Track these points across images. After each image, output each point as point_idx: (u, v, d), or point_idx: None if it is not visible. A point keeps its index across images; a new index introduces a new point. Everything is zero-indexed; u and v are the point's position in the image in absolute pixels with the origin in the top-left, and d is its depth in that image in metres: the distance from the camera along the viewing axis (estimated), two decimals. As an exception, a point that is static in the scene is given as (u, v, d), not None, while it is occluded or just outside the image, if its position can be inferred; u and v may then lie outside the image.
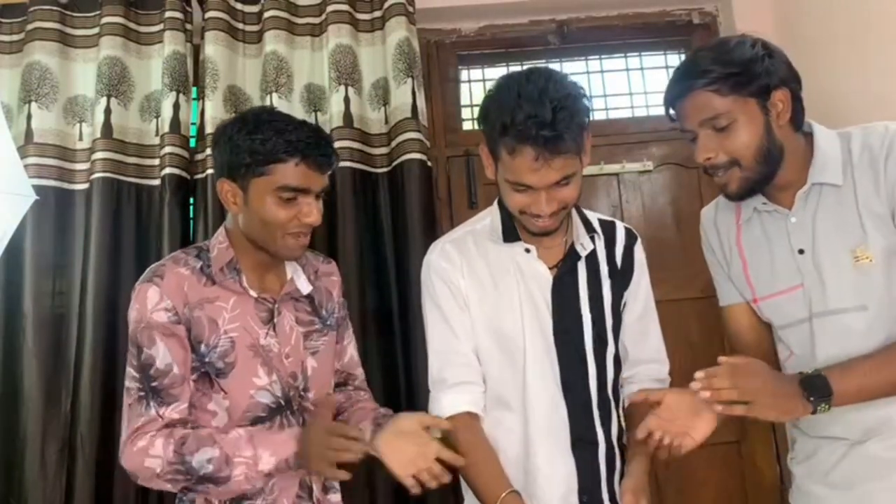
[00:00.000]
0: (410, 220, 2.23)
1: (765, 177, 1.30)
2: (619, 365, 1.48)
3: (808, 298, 1.32)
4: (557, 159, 1.26)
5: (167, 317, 1.34)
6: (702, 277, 1.74)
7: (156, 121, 2.35)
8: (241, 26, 2.43)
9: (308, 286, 1.50)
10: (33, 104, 2.31)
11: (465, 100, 2.70)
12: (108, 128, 2.28)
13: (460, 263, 1.45)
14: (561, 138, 1.23)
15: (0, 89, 2.35)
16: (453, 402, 1.40)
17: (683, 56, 2.75)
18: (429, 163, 2.30)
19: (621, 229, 1.53)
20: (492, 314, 1.43)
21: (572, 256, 1.44)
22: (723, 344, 2.32)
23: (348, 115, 2.31)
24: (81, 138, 2.35)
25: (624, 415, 1.48)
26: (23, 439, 2.15)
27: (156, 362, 1.33)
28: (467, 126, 2.66)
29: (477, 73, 2.78)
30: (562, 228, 1.43)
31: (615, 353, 1.47)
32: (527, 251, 1.43)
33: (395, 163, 2.29)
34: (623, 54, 2.79)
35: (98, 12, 2.38)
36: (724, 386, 1.17)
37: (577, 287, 1.44)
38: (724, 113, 1.26)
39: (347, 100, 2.32)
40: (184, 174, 2.27)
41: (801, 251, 1.32)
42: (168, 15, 2.35)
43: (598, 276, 1.46)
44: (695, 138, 1.31)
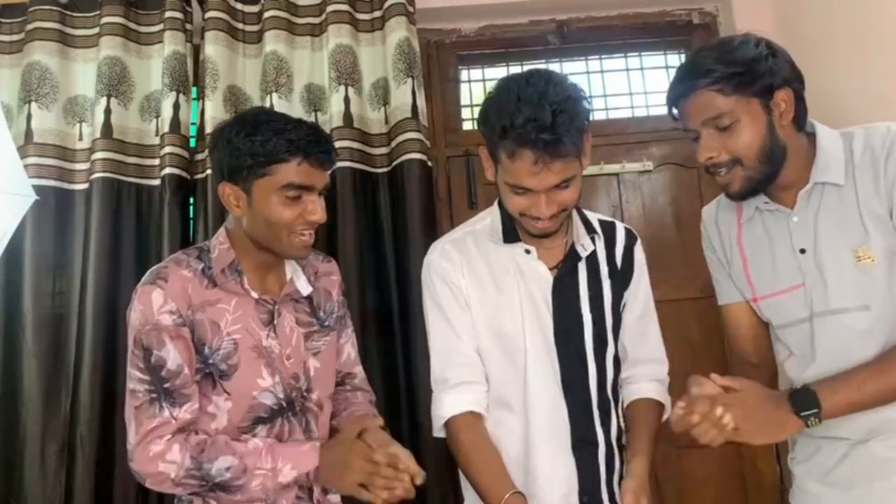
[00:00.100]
0: (410, 220, 2.23)
1: (767, 176, 1.30)
2: (619, 365, 1.48)
3: (808, 298, 1.32)
4: (557, 163, 1.26)
5: (172, 319, 1.34)
6: (702, 277, 1.74)
7: (156, 121, 2.35)
8: (241, 26, 2.44)
9: (308, 287, 1.49)
10: (33, 104, 2.31)
11: (465, 100, 2.70)
12: (108, 128, 2.28)
13: (461, 263, 1.45)
14: (560, 142, 1.23)
15: (0, 89, 2.36)
16: (456, 402, 1.40)
17: (683, 56, 2.75)
18: (429, 163, 2.30)
19: (621, 230, 1.53)
20: (492, 315, 1.43)
21: (573, 257, 1.44)
22: (722, 344, 2.32)
23: (348, 115, 2.31)
24: (81, 138, 2.35)
25: (623, 415, 1.48)
26: (22, 439, 2.15)
27: (167, 363, 1.33)
28: (467, 126, 2.66)
29: (477, 73, 2.78)
30: (562, 229, 1.43)
31: (615, 354, 1.47)
32: (527, 252, 1.43)
33: (395, 163, 2.29)
34: (623, 54, 2.79)
35: (98, 12, 2.38)
36: (699, 422, 1.17)
37: (577, 287, 1.44)
38: (726, 112, 1.25)
39: (347, 100, 2.32)
40: (184, 174, 2.28)
41: (802, 251, 1.32)
42: (168, 15, 2.35)
43: (599, 277, 1.46)
44: (697, 138, 1.31)
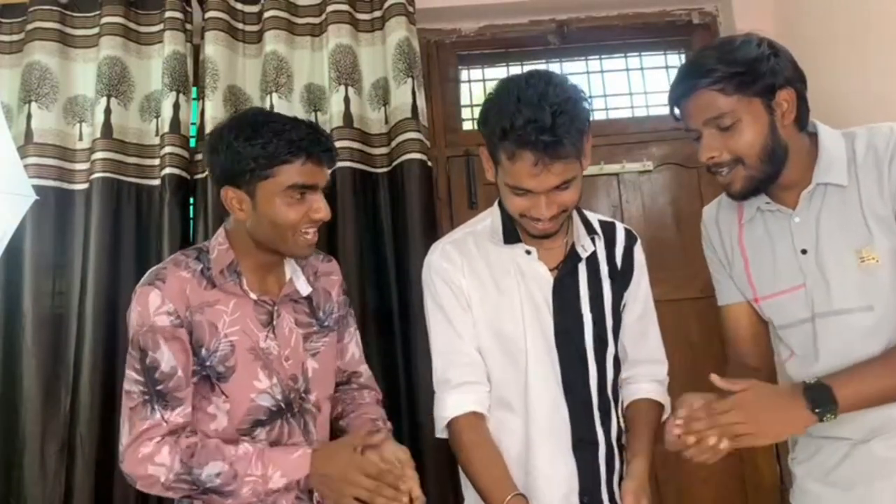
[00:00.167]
0: (410, 220, 2.23)
1: (769, 176, 1.29)
2: (619, 366, 1.48)
3: (810, 298, 1.32)
4: (557, 164, 1.26)
5: (169, 320, 1.33)
6: (702, 277, 1.74)
7: (156, 121, 2.35)
8: (241, 26, 2.44)
9: (307, 287, 1.49)
10: (33, 104, 2.31)
11: (465, 100, 2.70)
12: (108, 128, 2.28)
13: (461, 264, 1.45)
14: (560, 143, 1.23)
15: (0, 89, 2.36)
16: (458, 403, 1.40)
17: (683, 56, 2.75)
18: (429, 163, 2.30)
19: (621, 230, 1.53)
20: (493, 315, 1.43)
21: (573, 258, 1.44)
22: (722, 344, 2.32)
23: (348, 115, 2.31)
24: (81, 138, 2.35)
25: (623, 416, 1.48)
26: (22, 439, 2.15)
27: (161, 365, 1.33)
28: (467, 126, 2.66)
29: (477, 73, 2.78)
30: (562, 230, 1.43)
31: (615, 354, 1.47)
32: (527, 253, 1.43)
33: (396, 163, 2.29)
34: (623, 54, 2.78)
35: (98, 12, 2.38)
36: (703, 428, 1.16)
37: (577, 288, 1.44)
38: (728, 112, 1.25)
39: (347, 100, 2.32)
40: (184, 174, 2.27)
41: (804, 251, 1.32)
42: (168, 15, 2.35)
43: (599, 277, 1.46)
44: (699, 137, 1.31)
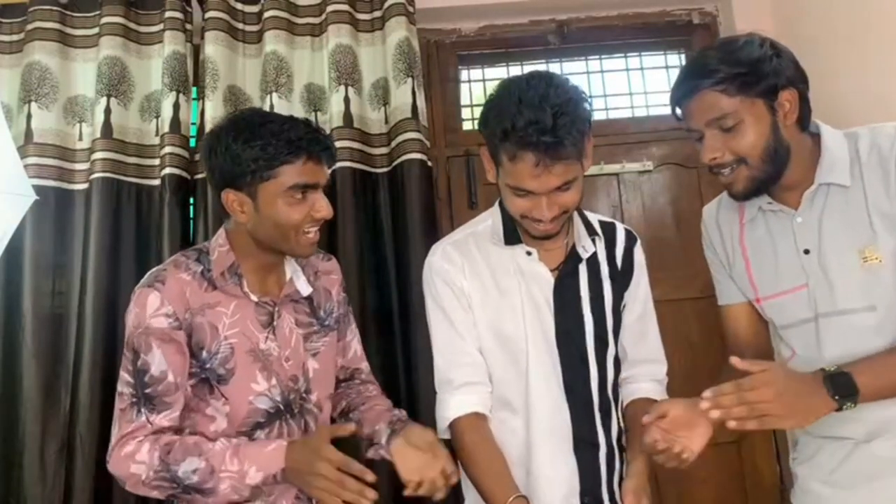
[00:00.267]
0: (410, 220, 2.23)
1: (771, 177, 1.29)
2: (619, 366, 1.48)
3: (812, 298, 1.32)
4: (558, 165, 1.25)
5: (168, 322, 1.33)
6: (702, 277, 1.74)
7: (156, 121, 2.35)
8: (241, 26, 2.44)
9: (308, 288, 1.49)
10: (33, 104, 2.31)
11: (465, 100, 2.70)
12: (107, 128, 2.28)
13: (462, 265, 1.45)
14: (562, 144, 1.23)
15: (0, 89, 2.35)
16: (460, 403, 1.40)
17: (683, 56, 2.75)
18: (429, 163, 2.30)
19: (621, 231, 1.53)
20: (494, 316, 1.43)
21: (574, 258, 1.44)
22: (723, 344, 2.32)
23: (348, 115, 2.31)
24: (81, 138, 2.35)
25: (623, 415, 1.48)
26: (22, 439, 2.15)
27: (150, 369, 1.32)
28: (467, 126, 2.66)
29: (477, 73, 2.78)
30: (563, 231, 1.43)
31: (615, 355, 1.47)
32: (528, 254, 1.43)
33: (396, 163, 2.29)
34: (623, 54, 2.79)
35: (98, 12, 2.38)
36: (732, 404, 1.13)
37: (578, 289, 1.44)
38: (731, 113, 1.25)
39: (347, 100, 2.32)
40: (184, 174, 2.28)
41: (806, 251, 1.32)
42: (168, 15, 2.35)
43: (599, 278, 1.46)
44: (701, 138, 1.30)
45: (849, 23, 2.08)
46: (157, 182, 2.27)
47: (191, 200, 2.30)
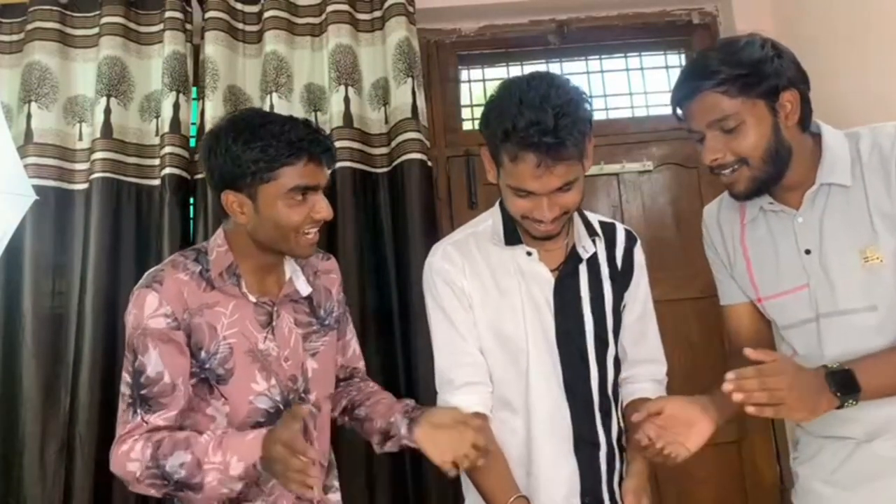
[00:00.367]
0: (410, 220, 2.23)
1: (772, 177, 1.29)
2: (619, 366, 1.48)
3: (813, 298, 1.32)
4: (559, 166, 1.25)
5: (166, 322, 1.32)
6: (702, 277, 1.74)
7: (156, 121, 2.35)
8: (241, 26, 2.44)
9: (307, 287, 1.49)
10: (33, 104, 2.31)
11: (465, 100, 2.70)
12: (107, 128, 2.28)
13: (462, 265, 1.44)
14: (563, 145, 1.23)
15: (0, 89, 2.35)
16: (461, 403, 1.39)
17: (683, 56, 2.75)
18: (429, 163, 2.30)
19: (621, 231, 1.53)
20: (494, 316, 1.43)
21: (574, 259, 1.44)
22: (723, 344, 2.33)
23: (348, 115, 2.31)
24: (81, 138, 2.35)
25: (623, 415, 1.48)
26: (22, 439, 2.15)
27: (146, 370, 1.32)
28: (467, 126, 2.66)
29: (477, 73, 2.78)
30: (563, 231, 1.43)
31: (615, 355, 1.47)
32: (528, 254, 1.43)
33: (396, 163, 2.29)
34: (623, 54, 2.79)
35: (98, 12, 2.38)
36: (754, 388, 1.13)
37: (578, 289, 1.44)
38: (732, 114, 1.25)
39: (347, 100, 2.32)
40: (184, 174, 2.27)
41: (807, 251, 1.32)
42: (168, 15, 2.35)
43: (600, 278, 1.46)
44: (702, 139, 1.30)
45: (849, 23, 2.08)
46: (157, 182, 2.27)
47: (191, 200, 2.30)
